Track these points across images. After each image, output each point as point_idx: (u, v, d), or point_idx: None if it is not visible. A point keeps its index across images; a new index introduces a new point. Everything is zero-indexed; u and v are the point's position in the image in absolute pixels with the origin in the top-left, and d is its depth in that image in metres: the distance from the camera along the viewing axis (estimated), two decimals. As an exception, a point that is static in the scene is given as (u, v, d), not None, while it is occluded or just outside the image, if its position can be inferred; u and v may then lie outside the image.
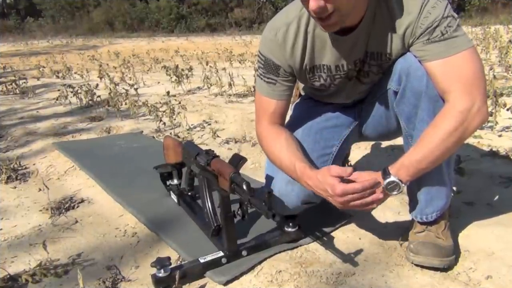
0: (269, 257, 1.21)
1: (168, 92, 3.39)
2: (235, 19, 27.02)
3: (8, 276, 1.18)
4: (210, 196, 1.30)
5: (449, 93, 0.99)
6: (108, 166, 2.08)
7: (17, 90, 5.11)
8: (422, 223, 1.18)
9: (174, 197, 1.61)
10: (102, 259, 1.28)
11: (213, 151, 1.27)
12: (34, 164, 2.28)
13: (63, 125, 3.24)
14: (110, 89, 3.85)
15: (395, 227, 1.35)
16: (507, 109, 2.19)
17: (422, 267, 1.13)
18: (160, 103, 3.39)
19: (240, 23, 26.49)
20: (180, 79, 4.51)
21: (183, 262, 1.19)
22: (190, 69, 5.09)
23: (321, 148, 1.25)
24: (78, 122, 3.33)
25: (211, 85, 4.53)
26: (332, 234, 1.33)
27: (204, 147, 1.38)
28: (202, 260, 1.15)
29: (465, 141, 1.07)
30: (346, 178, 0.98)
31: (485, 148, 2.05)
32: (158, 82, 5.36)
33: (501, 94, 2.31)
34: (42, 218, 1.60)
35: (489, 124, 2.32)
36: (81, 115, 3.57)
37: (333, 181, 0.97)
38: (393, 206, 1.48)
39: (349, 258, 1.19)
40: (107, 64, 7.79)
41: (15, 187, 1.96)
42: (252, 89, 3.75)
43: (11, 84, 5.25)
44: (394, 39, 1.06)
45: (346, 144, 1.35)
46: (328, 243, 1.28)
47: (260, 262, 1.19)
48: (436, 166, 1.02)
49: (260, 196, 1.01)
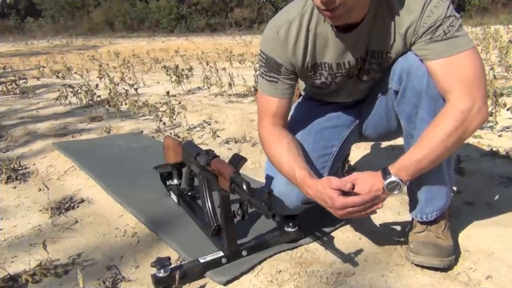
0: (269, 257, 1.21)
1: (168, 92, 3.39)
2: (235, 19, 27.02)
3: (8, 276, 1.18)
4: (210, 196, 1.30)
5: (450, 93, 0.99)
6: (108, 166, 2.08)
7: (17, 90, 5.11)
8: (422, 223, 1.18)
9: (174, 197, 1.61)
10: (102, 259, 1.28)
11: (213, 151, 1.27)
12: (34, 164, 2.28)
13: (63, 125, 3.24)
14: (110, 89, 3.85)
15: (395, 227, 1.35)
16: (507, 109, 2.19)
17: (422, 267, 1.13)
18: (160, 103, 3.40)
19: (240, 23, 26.50)
20: (180, 79, 4.51)
21: (183, 262, 1.19)
22: (190, 69, 5.09)
23: (321, 148, 1.25)
24: (78, 122, 3.33)
25: (211, 85, 4.53)
26: (332, 234, 1.33)
27: (204, 147, 1.38)
28: (202, 260, 1.15)
29: (465, 141, 1.07)
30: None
31: (485, 148, 2.05)
32: (158, 82, 5.37)
33: (501, 94, 2.31)
34: (42, 218, 1.60)
35: (489, 124, 2.32)
36: (81, 115, 3.57)
37: (333, 194, 0.97)
38: (393, 206, 1.48)
39: (349, 258, 1.19)
40: (107, 64, 7.79)
41: (15, 187, 1.96)
42: (252, 89, 3.75)
43: (11, 84, 5.25)
44: (396, 38, 1.06)
45: (347, 144, 1.35)
46: (328, 243, 1.28)
47: (260, 262, 1.19)
48: (436, 166, 1.03)
49: (260, 196, 1.01)
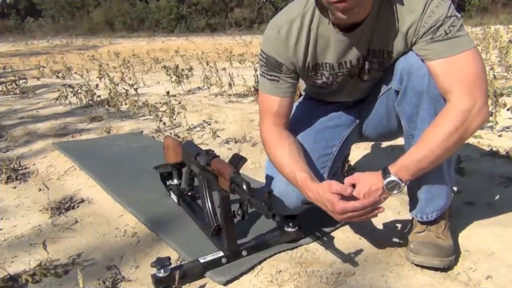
0: (269, 257, 1.21)
1: (168, 92, 3.39)
2: (235, 19, 27.01)
3: (8, 276, 1.18)
4: (210, 196, 1.30)
5: (451, 93, 0.99)
6: (108, 166, 2.08)
7: (17, 90, 5.11)
8: (422, 223, 1.18)
9: (174, 197, 1.61)
10: (102, 259, 1.28)
11: (213, 151, 1.27)
12: (34, 164, 2.28)
13: (63, 125, 3.24)
14: (110, 89, 3.85)
15: (395, 227, 1.35)
16: (507, 109, 2.19)
17: (422, 267, 1.13)
18: (160, 103, 3.40)
19: (240, 23, 26.49)
20: (180, 79, 4.51)
21: (183, 262, 1.19)
22: (190, 69, 5.09)
23: (322, 148, 1.25)
24: (78, 122, 3.33)
25: (211, 85, 4.53)
26: (332, 234, 1.33)
27: (204, 147, 1.38)
28: (202, 260, 1.15)
29: (465, 141, 1.07)
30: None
31: (485, 148, 2.05)
32: (158, 82, 5.37)
33: (501, 94, 2.31)
34: (42, 218, 1.60)
35: (489, 124, 2.32)
36: (81, 115, 3.57)
37: (333, 198, 0.97)
38: (393, 206, 1.48)
39: (349, 258, 1.19)
40: (107, 64, 7.79)
41: (15, 187, 1.96)
42: (252, 89, 3.75)
43: (11, 84, 5.25)
44: (397, 37, 1.06)
45: (347, 144, 1.35)
46: (328, 243, 1.28)
47: (260, 262, 1.19)
48: (437, 166, 1.03)
49: (260, 196, 1.01)
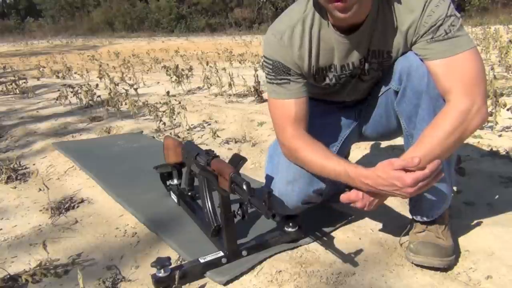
0: (269, 257, 1.21)
1: (168, 92, 3.39)
2: (235, 19, 27.03)
3: (8, 276, 1.18)
4: (210, 196, 1.30)
5: (450, 93, 0.99)
6: (108, 166, 2.08)
7: (17, 90, 5.11)
8: (422, 223, 1.18)
9: (174, 197, 1.61)
10: (102, 259, 1.28)
11: (213, 151, 1.27)
12: (34, 164, 2.28)
13: (63, 125, 3.24)
14: (110, 89, 3.85)
15: (395, 227, 1.35)
16: (507, 109, 2.19)
17: (422, 267, 1.13)
18: (160, 103, 3.40)
19: (240, 23, 26.51)
20: (180, 79, 4.51)
21: (183, 262, 1.20)
22: (190, 69, 5.09)
23: (322, 148, 1.25)
24: (78, 122, 3.33)
25: (211, 85, 4.53)
26: (332, 234, 1.33)
27: (204, 147, 1.38)
28: (202, 260, 1.15)
29: (465, 141, 1.07)
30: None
31: (485, 148, 2.05)
32: (158, 82, 5.37)
33: (501, 94, 2.31)
34: (42, 218, 1.60)
35: (489, 124, 2.32)
36: (81, 115, 3.57)
37: (400, 174, 0.95)
38: (393, 206, 1.48)
39: (349, 258, 1.19)
40: (107, 64, 7.79)
41: (15, 187, 1.96)
42: (252, 89, 3.75)
43: (11, 84, 5.26)
44: (396, 37, 1.06)
45: (347, 144, 1.35)
46: (328, 243, 1.28)
47: (260, 262, 1.19)
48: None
49: (260, 196, 1.01)
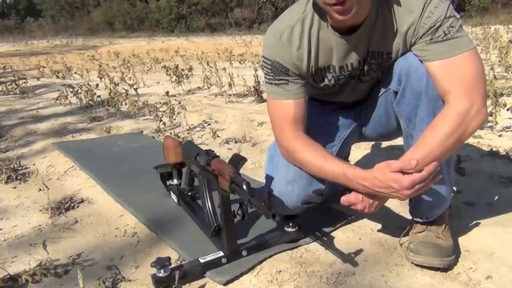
0: (269, 257, 1.21)
1: (168, 92, 3.39)
2: (235, 19, 27.04)
3: (8, 276, 1.18)
4: (210, 196, 1.30)
5: (449, 94, 0.99)
6: (108, 166, 2.08)
7: (17, 90, 5.11)
8: (422, 223, 1.18)
9: (174, 197, 1.61)
10: (102, 259, 1.28)
11: (213, 151, 1.27)
12: (34, 164, 2.28)
13: (63, 125, 3.24)
14: (110, 89, 3.85)
15: (395, 227, 1.35)
16: (507, 109, 2.19)
17: (422, 267, 1.13)
18: (160, 103, 3.40)
19: (240, 23, 26.52)
20: (180, 79, 4.51)
21: (183, 262, 1.20)
22: (190, 69, 5.09)
23: (322, 149, 1.25)
24: (78, 122, 3.33)
25: (211, 85, 4.53)
26: (332, 234, 1.33)
27: (204, 147, 1.38)
28: (202, 260, 1.15)
29: (465, 141, 1.07)
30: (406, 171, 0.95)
31: (485, 148, 2.05)
32: (158, 82, 5.37)
33: (501, 94, 2.31)
34: (42, 218, 1.60)
35: (489, 124, 2.32)
36: (81, 115, 3.57)
37: (397, 176, 0.95)
38: (393, 206, 1.48)
39: (349, 258, 1.19)
40: (107, 64, 7.79)
41: (15, 187, 1.96)
42: (252, 89, 3.75)
43: (11, 84, 5.25)
44: (396, 38, 1.06)
45: (346, 145, 1.35)
46: (328, 243, 1.28)
47: (260, 262, 1.19)
48: (436, 166, 1.02)
49: (260, 196, 1.01)
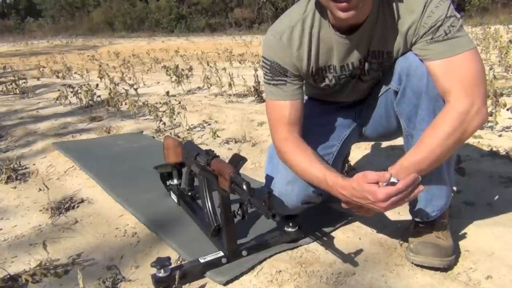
0: (269, 257, 1.21)
1: (168, 92, 3.39)
2: (235, 19, 27.05)
3: (8, 276, 1.18)
4: (210, 196, 1.30)
5: (450, 94, 0.99)
6: (108, 166, 2.08)
7: (17, 90, 5.11)
8: (422, 223, 1.18)
9: (174, 197, 1.61)
10: (102, 259, 1.28)
11: (213, 151, 1.27)
12: (34, 164, 2.28)
13: (63, 125, 3.24)
14: (110, 89, 3.85)
15: (395, 227, 1.35)
16: (507, 109, 2.19)
17: (422, 267, 1.13)
18: (160, 103, 3.40)
19: (240, 23, 26.53)
20: (180, 79, 4.51)
21: (183, 262, 1.20)
22: (190, 69, 5.09)
23: (322, 149, 1.25)
24: (78, 122, 3.33)
25: (211, 85, 4.53)
26: (332, 234, 1.33)
27: (204, 147, 1.38)
28: (202, 260, 1.15)
29: (465, 141, 1.07)
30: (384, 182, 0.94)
31: (485, 148, 2.05)
32: (158, 82, 5.37)
33: (501, 94, 2.31)
34: (42, 218, 1.60)
35: (489, 124, 2.32)
36: (81, 115, 3.57)
37: (372, 188, 0.94)
38: (393, 206, 1.48)
39: (349, 258, 1.19)
40: (107, 64, 7.79)
41: (15, 187, 1.96)
42: (252, 89, 3.75)
43: (11, 84, 5.25)
44: (396, 38, 1.06)
45: (347, 144, 1.35)
46: (328, 243, 1.28)
47: (260, 262, 1.19)
48: (436, 166, 1.02)
49: (260, 196, 1.01)
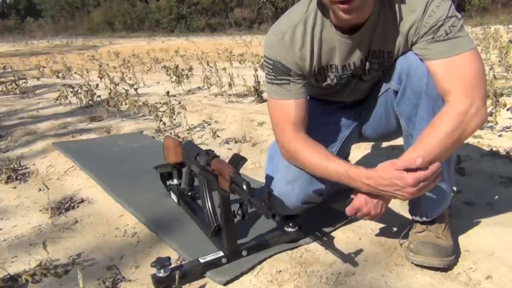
0: (269, 257, 1.21)
1: (168, 92, 3.39)
2: (235, 19, 27.05)
3: (8, 276, 1.18)
4: (210, 196, 1.30)
5: (449, 94, 0.99)
6: (108, 166, 2.08)
7: (17, 90, 5.11)
8: (422, 223, 1.18)
9: (174, 197, 1.61)
10: (102, 259, 1.28)
11: (213, 151, 1.27)
12: (34, 164, 2.28)
13: (63, 125, 3.24)
14: (110, 89, 3.85)
15: (395, 227, 1.35)
16: (507, 109, 2.19)
17: (422, 267, 1.13)
18: (160, 103, 3.39)
19: (240, 23, 26.53)
20: (180, 79, 4.51)
21: (183, 262, 1.20)
22: (190, 69, 5.09)
23: (322, 148, 1.25)
24: (78, 122, 3.32)
25: (211, 85, 4.53)
26: (332, 234, 1.33)
27: (204, 147, 1.38)
28: (202, 260, 1.15)
29: (465, 141, 1.07)
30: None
31: (485, 148, 2.05)
32: (158, 82, 5.37)
33: (501, 94, 2.31)
34: (42, 218, 1.60)
35: (489, 124, 2.32)
36: (81, 115, 3.57)
37: (402, 174, 0.95)
38: (393, 206, 1.48)
39: (349, 258, 1.19)
40: (107, 64, 7.80)
41: (15, 187, 1.96)
42: (252, 89, 3.75)
43: (11, 84, 5.25)
44: (397, 37, 1.06)
45: (347, 145, 1.36)
46: (328, 243, 1.28)
47: (260, 262, 1.19)
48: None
49: (260, 196, 1.01)
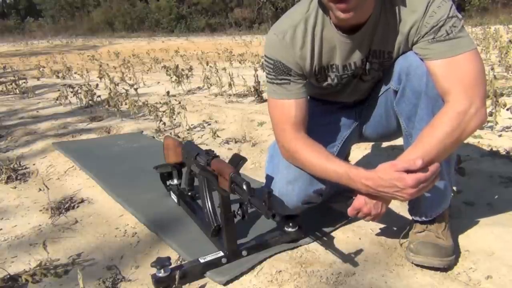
0: (269, 257, 1.21)
1: (168, 92, 3.39)
2: (235, 19, 27.05)
3: (8, 276, 1.18)
4: (210, 196, 1.30)
5: (449, 94, 1.00)
6: (108, 166, 2.08)
7: (17, 90, 5.11)
8: (422, 223, 1.18)
9: (174, 197, 1.61)
10: (102, 259, 1.28)
11: (213, 151, 1.27)
12: (34, 164, 2.28)
13: (63, 125, 3.24)
14: (110, 89, 3.85)
15: (395, 227, 1.35)
16: (507, 109, 2.19)
17: (422, 267, 1.13)
18: (160, 103, 3.40)
19: (240, 23, 26.54)
20: (180, 79, 4.51)
21: (183, 262, 1.20)
22: (190, 69, 5.09)
23: (322, 149, 1.25)
24: (78, 122, 3.33)
25: (211, 85, 4.53)
26: (332, 234, 1.33)
27: (204, 147, 1.38)
28: (202, 260, 1.15)
29: (465, 141, 1.07)
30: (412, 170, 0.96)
31: (485, 148, 2.05)
32: (158, 82, 5.37)
33: (501, 94, 2.31)
34: (42, 218, 1.60)
35: (489, 124, 2.32)
36: (81, 115, 3.57)
37: (401, 175, 0.95)
38: (393, 206, 1.48)
39: (349, 258, 1.19)
40: (107, 64, 7.80)
41: (15, 187, 1.96)
42: (252, 89, 3.75)
43: (11, 84, 5.25)
44: (398, 37, 1.07)
45: (347, 145, 1.36)
46: (328, 243, 1.28)
47: (260, 262, 1.19)
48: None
49: (260, 196, 1.01)
